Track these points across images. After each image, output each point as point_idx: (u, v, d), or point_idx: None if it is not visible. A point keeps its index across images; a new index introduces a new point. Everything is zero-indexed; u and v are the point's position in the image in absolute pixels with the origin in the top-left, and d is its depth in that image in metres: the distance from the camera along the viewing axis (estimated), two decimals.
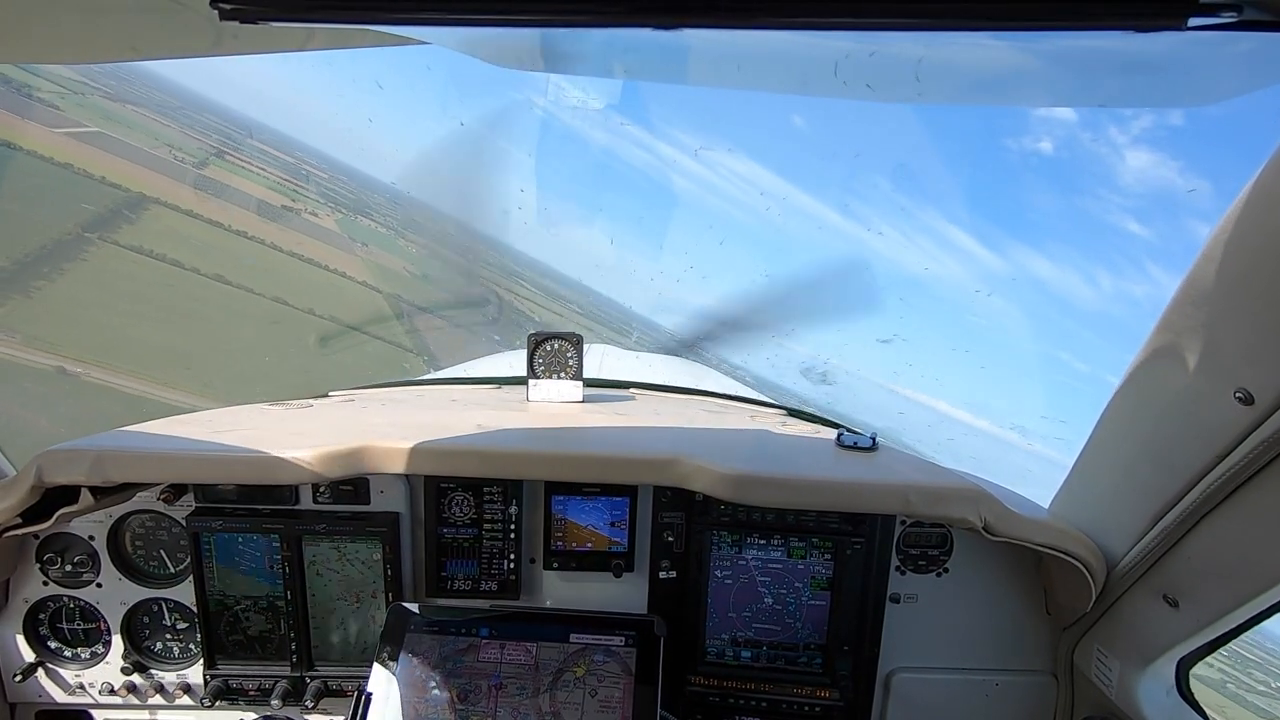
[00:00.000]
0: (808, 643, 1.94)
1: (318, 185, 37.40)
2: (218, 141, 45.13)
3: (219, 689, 1.86)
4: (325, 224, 38.14)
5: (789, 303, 6.13)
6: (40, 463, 1.55)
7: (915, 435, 26.59)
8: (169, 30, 1.08)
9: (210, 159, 42.01)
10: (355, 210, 42.64)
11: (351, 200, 41.63)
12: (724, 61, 1.20)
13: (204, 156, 41.89)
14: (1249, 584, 1.34)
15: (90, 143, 34.86)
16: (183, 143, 42.11)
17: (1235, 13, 0.64)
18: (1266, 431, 1.18)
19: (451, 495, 1.92)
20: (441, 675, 1.67)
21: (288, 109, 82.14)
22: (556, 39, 1.14)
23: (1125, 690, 1.66)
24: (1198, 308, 1.28)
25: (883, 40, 1.01)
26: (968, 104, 1.26)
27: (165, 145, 40.29)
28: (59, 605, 1.88)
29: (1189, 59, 0.94)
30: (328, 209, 39.56)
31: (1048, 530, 1.67)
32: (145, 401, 18.90)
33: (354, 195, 42.96)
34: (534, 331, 2.23)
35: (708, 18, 0.72)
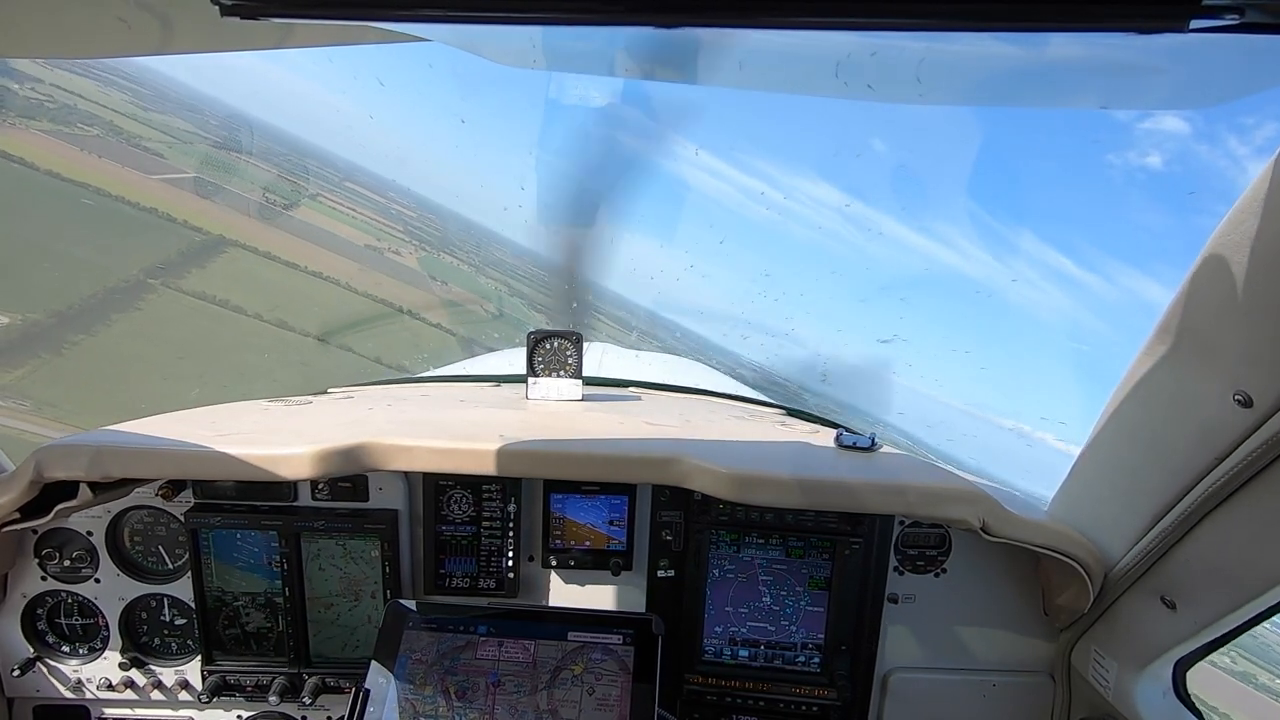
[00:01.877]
0: (805, 642, 1.94)
1: (405, 223, 37.99)
2: (315, 185, 46.48)
3: (217, 685, 1.86)
4: (407, 262, 38.69)
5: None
6: (39, 458, 1.55)
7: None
8: (169, 25, 1.08)
9: (303, 200, 43.27)
10: (438, 247, 43.40)
11: (436, 237, 42.42)
12: (726, 61, 1.19)
13: (297, 198, 43.12)
14: (1247, 586, 1.34)
15: (184, 188, 35.98)
16: (279, 186, 43.60)
17: (1237, 15, 0.64)
18: (1265, 434, 1.18)
19: (450, 493, 1.92)
20: (439, 672, 1.67)
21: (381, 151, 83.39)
22: (557, 37, 1.14)
23: (1122, 691, 1.66)
24: (1198, 310, 1.28)
25: (884, 40, 1.01)
26: (969, 104, 1.26)
27: (260, 189, 41.67)
28: (57, 600, 1.89)
29: (1190, 61, 0.94)
30: (411, 247, 40.06)
31: (1046, 531, 1.67)
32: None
33: (439, 232, 43.85)
34: (534, 329, 2.23)
35: (709, 17, 0.72)
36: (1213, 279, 1.24)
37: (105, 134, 39.55)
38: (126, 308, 24.15)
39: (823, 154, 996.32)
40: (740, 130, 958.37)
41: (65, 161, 32.04)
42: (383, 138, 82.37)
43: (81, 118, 40.50)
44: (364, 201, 45.20)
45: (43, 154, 32.08)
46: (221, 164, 43.27)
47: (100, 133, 39.51)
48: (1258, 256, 1.13)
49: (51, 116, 38.45)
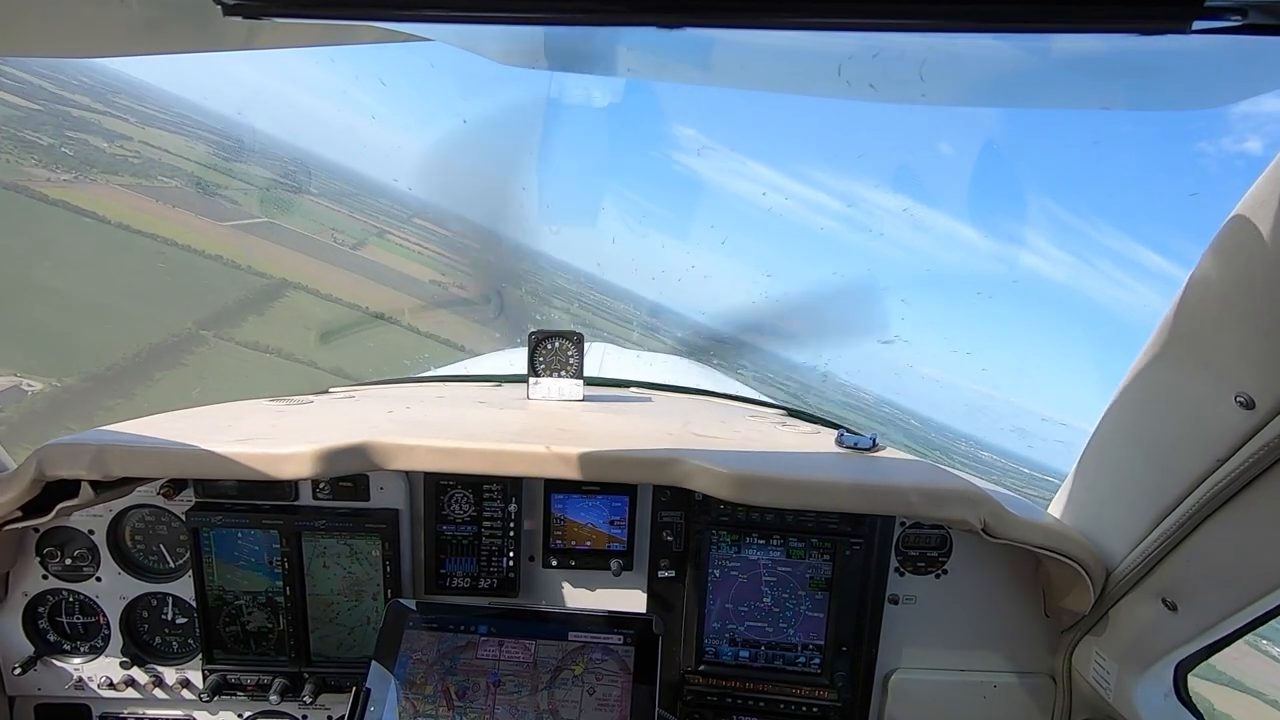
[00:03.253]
0: (806, 643, 1.94)
1: (471, 258, 38.49)
2: (382, 222, 46.81)
3: (217, 684, 1.87)
4: (469, 295, 39.37)
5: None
6: (41, 456, 1.55)
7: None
8: (170, 25, 1.08)
9: (369, 239, 43.63)
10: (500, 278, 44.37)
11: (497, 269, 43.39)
12: (728, 61, 1.19)
13: (363, 237, 43.47)
14: (1248, 588, 1.34)
15: (253, 233, 36.63)
16: (347, 225, 43.99)
17: (1240, 16, 0.64)
18: (1267, 436, 1.18)
19: (451, 493, 1.92)
20: (440, 672, 1.67)
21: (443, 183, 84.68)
22: (559, 37, 1.14)
23: (1123, 693, 1.66)
24: (1199, 312, 1.28)
25: (887, 41, 1.00)
26: (971, 105, 1.26)
27: (329, 230, 42.03)
28: (58, 599, 1.89)
29: (1192, 62, 0.94)
30: (475, 281, 40.59)
31: (1046, 532, 1.67)
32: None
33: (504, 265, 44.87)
34: (535, 330, 2.23)
35: (712, 17, 0.72)
36: (1214, 280, 1.23)
37: (184, 184, 40.93)
38: (173, 364, 24.05)
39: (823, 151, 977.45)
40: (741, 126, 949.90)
41: (138, 213, 32.84)
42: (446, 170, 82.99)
43: (163, 170, 41.80)
44: (430, 236, 45.74)
45: (117, 207, 32.77)
46: (293, 206, 44.22)
47: (179, 183, 40.90)
48: (1259, 258, 1.13)
49: (134, 171, 39.82)
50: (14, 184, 30.42)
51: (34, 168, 34.16)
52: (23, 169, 33.56)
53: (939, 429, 54.65)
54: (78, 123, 45.11)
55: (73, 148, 39.98)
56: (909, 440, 46.11)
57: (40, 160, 35.51)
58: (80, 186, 33.79)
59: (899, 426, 50.01)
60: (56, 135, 40.39)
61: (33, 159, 35.29)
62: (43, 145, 37.92)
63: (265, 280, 31.04)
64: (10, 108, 42.11)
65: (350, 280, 35.03)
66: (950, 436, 46.12)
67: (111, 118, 48.97)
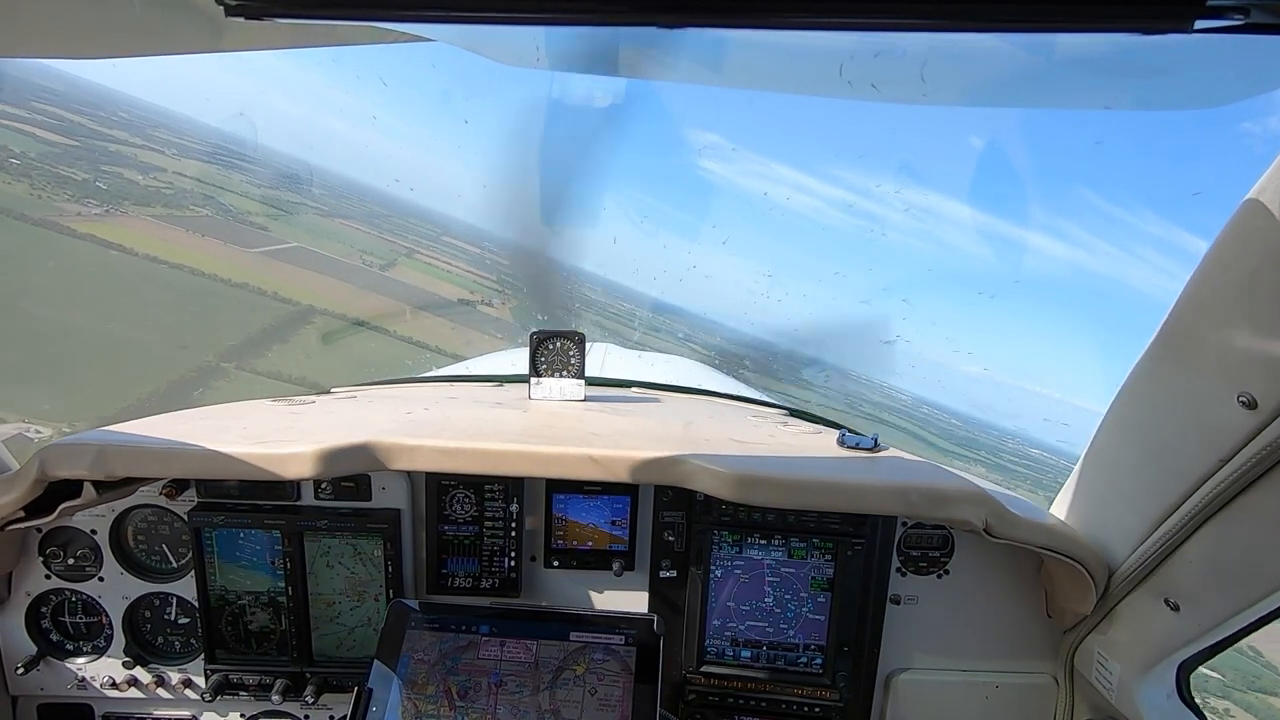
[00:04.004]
0: (808, 643, 1.94)
1: (499, 274, 38.39)
2: (411, 241, 47.45)
3: (220, 683, 1.87)
4: (499, 314, 39.29)
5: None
6: (43, 456, 1.56)
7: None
8: (173, 25, 1.08)
9: (399, 259, 43.97)
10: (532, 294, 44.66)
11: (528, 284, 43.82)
12: (729, 61, 1.19)
13: (393, 258, 43.80)
14: (1251, 588, 1.34)
15: (281, 259, 36.72)
16: (376, 247, 44.44)
17: (1242, 15, 0.64)
18: (1270, 436, 1.18)
19: (453, 493, 1.92)
20: (441, 672, 1.67)
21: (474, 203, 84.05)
22: (560, 37, 1.14)
23: (1125, 694, 1.66)
24: (1203, 312, 1.28)
25: (888, 40, 1.00)
26: (973, 105, 1.25)
27: (359, 252, 42.51)
28: (61, 599, 1.89)
29: (1195, 61, 0.94)
30: (504, 298, 40.69)
31: (1049, 532, 1.66)
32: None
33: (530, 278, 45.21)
34: (536, 330, 2.23)
35: (713, 17, 0.72)
36: (1217, 281, 1.23)
37: (216, 213, 41.62)
38: (190, 401, 23.98)
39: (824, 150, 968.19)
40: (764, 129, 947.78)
41: (167, 244, 33.07)
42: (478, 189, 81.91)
43: (195, 200, 42.71)
44: (460, 254, 45.90)
45: (146, 238, 32.99)
46: (322, 231, 44.39)
47: (211, 212, 41.63)
48: (1262, 258, 1.12)
49: (166, 202, 40.56)
50: (43, 219, 30.57)
51: (66, 202, 34.43)
52: (55, 204, 33.79)
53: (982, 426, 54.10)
54: (114, 157, 45.92)
55: (107, 181, 40.69)
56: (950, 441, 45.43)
57: (73, 195, 35.88)
58: (110, 219, 34.10)
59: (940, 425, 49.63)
60: (92, 170, 41.04)
61: (66, 194, 35.65)
62: (77, 180, 38.45)
63: (291, 307, 31.05)
64: (48, 145, 42.68)
65: (378, 303, 35.09)
66: (995, 434, 45.70)
67: (149, 151, 49.60)
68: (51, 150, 41.67)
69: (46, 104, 51.43)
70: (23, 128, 43.93)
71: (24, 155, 39.12)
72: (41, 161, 39.19)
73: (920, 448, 38.56)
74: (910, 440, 42.69)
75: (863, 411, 45.18)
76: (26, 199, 32.89)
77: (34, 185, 35.06)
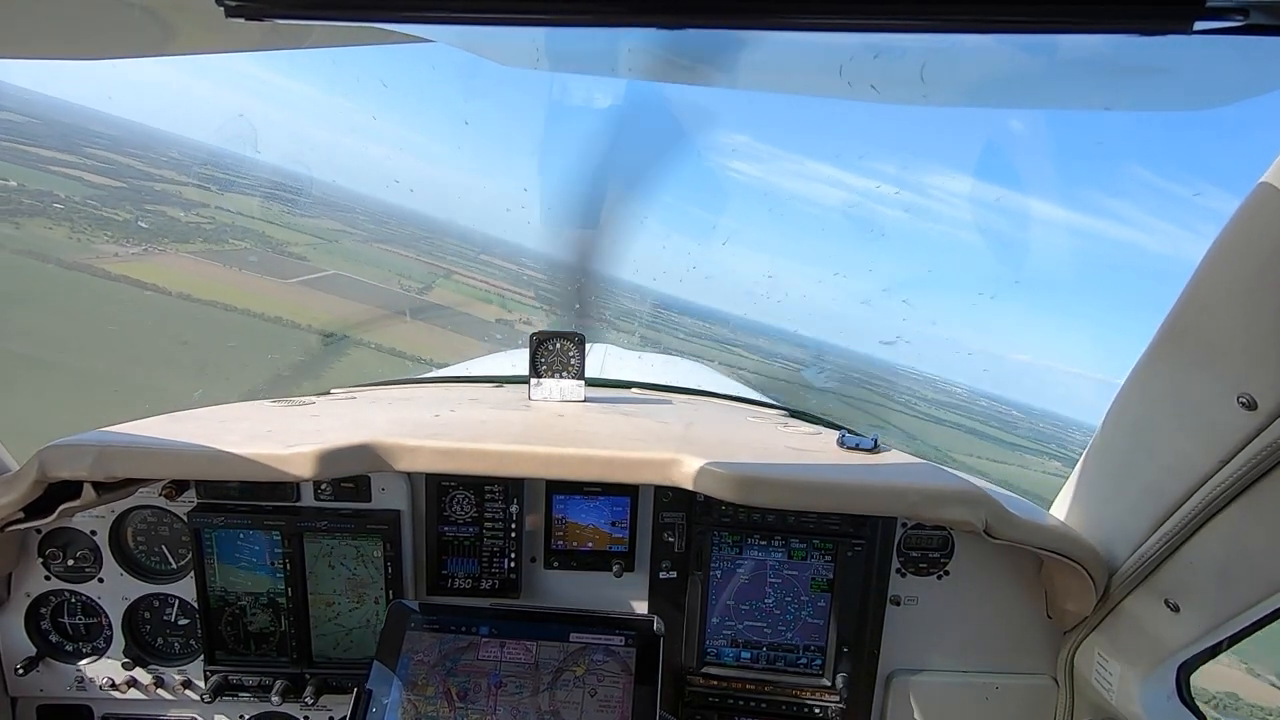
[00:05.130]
0: (808, 644, 1.94)
1: (535, 289, 38.47)
2: (449, 263, 47.45)
3: (219, 685, 1.87)
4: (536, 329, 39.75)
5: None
6: (43, 457, 1.56)
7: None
8: (172, 26, 1.08)
9: (437, 280, 44.04)
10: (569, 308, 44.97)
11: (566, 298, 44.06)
12: (729, 62, 1.20)
13: (431, 280, 43.85)
14: (1251, 589, 1.34)
15: (319, 287, 36.66)
16: (415, 270, 44.47)
17: (1242, 16, 0.64)
18: (1270, 437, 1.18)
19: (453, 494, 1.92)
20: (441, 673, 1.67)
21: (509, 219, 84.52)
22: (560, 38, 1.14)
23: (1126, 694, 1.66)
24: (1202, 312, 1.28)
25: (888, 41, 1.01)
26: (973, 106, 1.26)
27: (396, 276, 42.42)
28: (61, 600, 1.89)
29: (1194, 62, 0.94)
30: (542, 314, 40.91)
31: (1049, 533, 1.66)
32: None
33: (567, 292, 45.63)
34: (536, 330, 2.23)
35: (713, 18, 0.72)
36: (1218, 281, 1.23)
37: (255, 245, 41.60)
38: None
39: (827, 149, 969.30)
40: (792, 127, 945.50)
41: (201, 281, 32.91)
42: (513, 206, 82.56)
43: (235, 234, 42.67)
44: (498, 272, 45.94)
45: (181, 276, 32.92)
46: (361, 256, 44.51)
47: (250, 244, 41.61)
48: (1262, 259, 1.13)
49: (206, 237, 40.69)
50: (77, 263, 30.32)
51: (105, 244, 34.40)
52: (93, 246, 33.69)
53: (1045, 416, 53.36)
54: (159, 196, 46.15)
55: (149, 220, 40.80)
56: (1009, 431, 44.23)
57: (113, 236, 35.93)
58: (147, 259, 34.04)
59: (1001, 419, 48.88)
60: (135, 210, 41.15)
61: (106, 235, 35.67)
62: (119, 221, 38.55)
63: (325, 338, 30.83)
64: (94, 188, 42.76)
65: (414, 330, 35.01)
66: (1059, 424, 45.50)
67: (193, 188, 49.84)
68: (97, 193, 41.87)
69: (98, 148, 51.94)
70: (71, 173, 44.26)
71: (69, 199, 39.29)
72: (86, 204, 39.35)
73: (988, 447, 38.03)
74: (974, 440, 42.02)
75: (919, 411, 44.74)
76: (64, 243, 32.87)
77: (75, 229, 35.09)
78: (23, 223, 33.39)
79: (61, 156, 46.77)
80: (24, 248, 30.04)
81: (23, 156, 45.35)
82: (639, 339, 30.14)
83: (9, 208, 34.78)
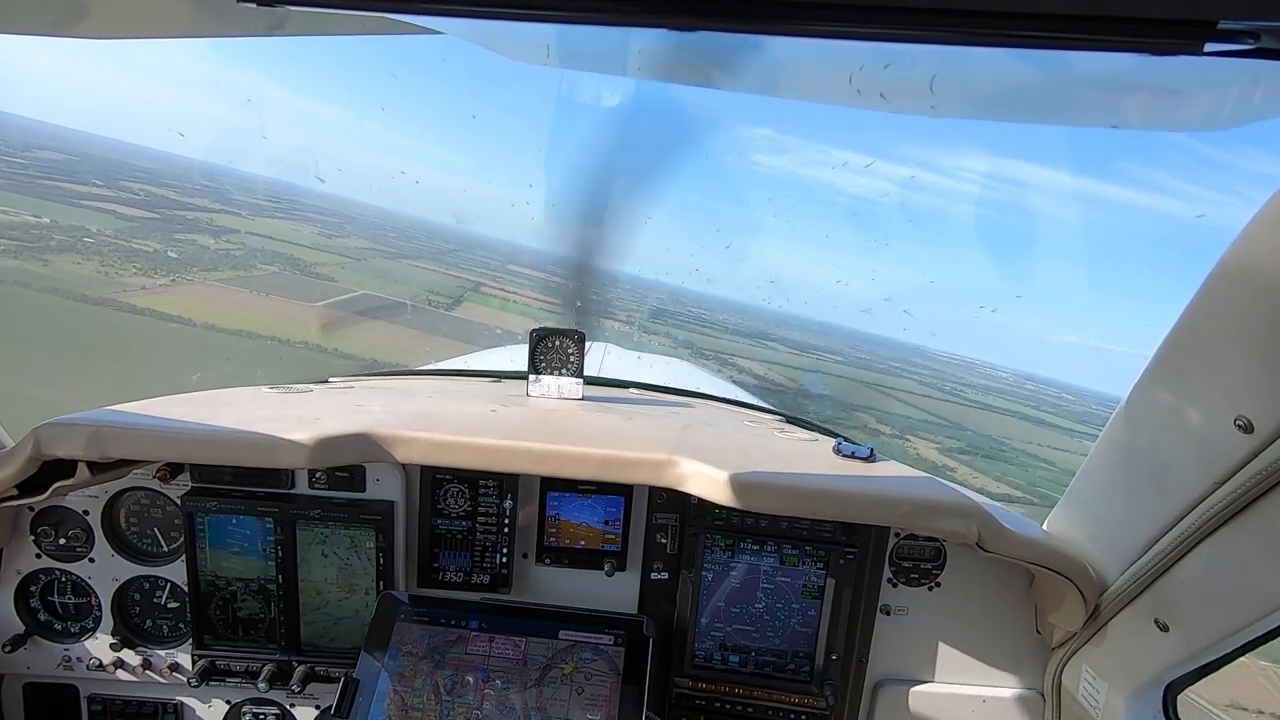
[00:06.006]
0: (796, 650, 1.94)
1: (563, 297, 38.70)
2: (478, 274, 47.32)
3: (207, 669, 1.87)
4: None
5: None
6: (39, 435, 1.55)
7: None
8: (184, 9, 1.08)
9: (465, 294, 43.77)
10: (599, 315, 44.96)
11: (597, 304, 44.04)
12: (739, 65, 1.19)
13: (460, 294, 43.51)
14: (1241, 611, 1.34)
15: (347, 309, 36.64)
16: (443, 285, 44.25)
17: (1252, 40, 0.64)
18: (1266, 460, 1.18)
19: (447, 487, 1.92)
20: (429, 666, 1.67)
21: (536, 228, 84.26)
22: (570, 36, 1.14)
23: (1112, 712, 1.66)
24: (1201, 334, 1.28)
25: (899, 52, 1.00)
26: (981, 119, 1.26)
27: (426, 292, 42.22)
28: (51, 578, 1.89)
29: (1206, 84, 0.94)
30: (572, 322, 40.99)
31: (1041, 548, 1.66)
32: None
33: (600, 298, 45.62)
34: (537, 327, 2.23)
35: (725, 21, 0.72)
36: (1217, 304, 1.24)
37: (283, 268, 41.58)
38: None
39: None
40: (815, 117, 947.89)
41: (227, 309, 32.80)
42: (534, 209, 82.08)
43: (264, 258, 42.55)
44: (526, 281, 45.81)
45: (206, 306, 32.80)
46: (390, 274, 44.44)
47: (279, 268, 41.61)
48: (1262, 283, 1.13)
49: (234, 264, 40.50)
50: (102, 299, 30.17)
51: (133, 276, 34.31)
52: (120, 280, 33.59)
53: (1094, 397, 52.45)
54: (190, 224, 46.16)
55: (178, 249, 40.82)
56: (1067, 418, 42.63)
57: (142, 268, 35.87)
58: (173, 290, 33.86)
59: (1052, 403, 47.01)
60: (165, 240, 41.18)
61: (134, 267, 35.63)
62: (148, 252, 38.54)
63: (350, 363, 30.80)
64: (126, 220, 42.75)
65: (441, 346, 34.93)
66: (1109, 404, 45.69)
67: (225, 214, 49.69)
68: (129, 225, 41.85)
69: (134, 181, 52.06)
70: (105, 206, 44.24)
71: (99, 233, 39.22)
72: (117, 237, 39.30)
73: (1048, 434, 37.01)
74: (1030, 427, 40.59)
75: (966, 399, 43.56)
76: (92, 278, 32.76)
77: (104, 263, 35.03)
78: (52, 260, 33.40)
79: (97, 190, 47.06)
80: (50, 285, 30.00)
81: (57, 193, 45.57)
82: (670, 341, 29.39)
83: (39, 245, 34.79)
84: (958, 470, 35.80)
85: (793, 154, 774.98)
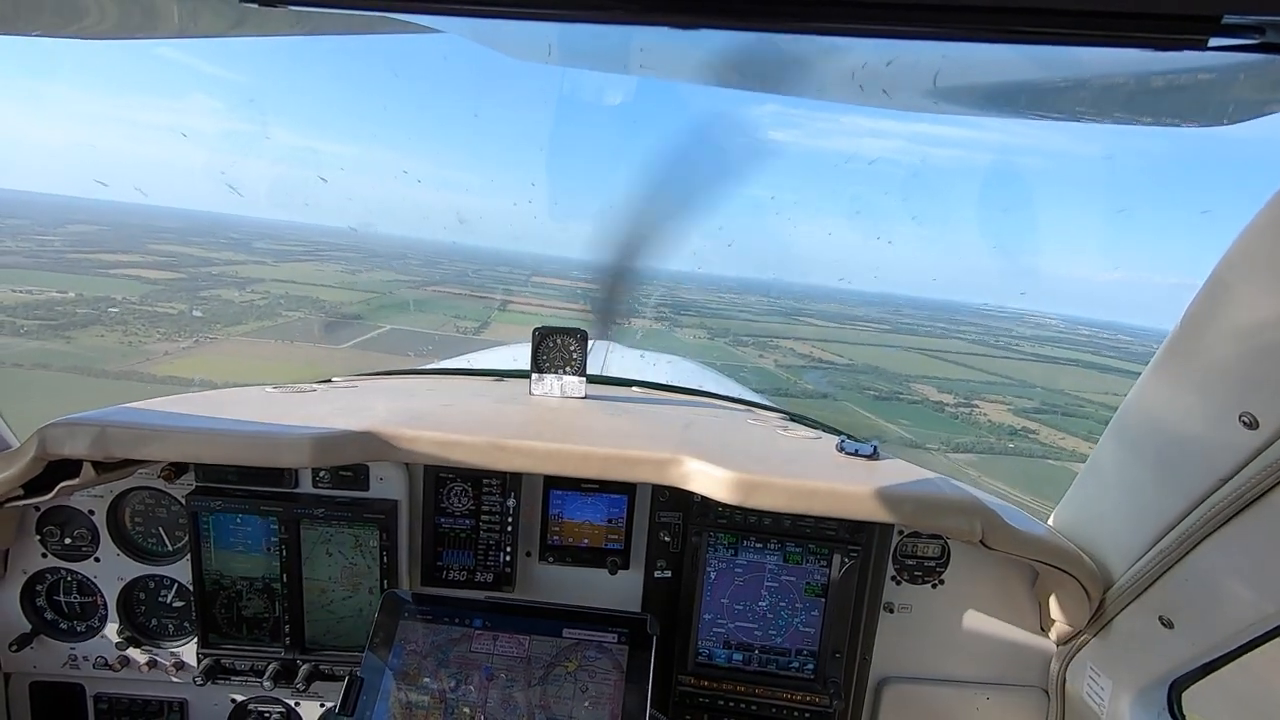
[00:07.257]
0: (800, 648, 1.94)
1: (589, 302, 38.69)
2: (503, 292, 47.34)
3: (212, 667, 1.87)
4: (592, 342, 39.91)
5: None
6: (44, 435, 1.56)
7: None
8: (187, 9, 1.08)
9: (493, 314, 43.52)
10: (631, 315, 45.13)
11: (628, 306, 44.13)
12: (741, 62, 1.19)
13: (486, 316, 43.19)
14: (1246, 608, 1.33)
15: (374, 348, 36.18)
16: (470, 308, 44.07)
17: (1257, 34, 0.64)
18: (1271, 457, 1.18)
19: (450, 485, 1.93)
20: (433, 664, 1.68)
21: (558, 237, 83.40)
22: (571, 33, 1.13)
23: (1116, 710, 1.66)
24: (1206, 330, 1.28)
25: (901, 49, 1.00)
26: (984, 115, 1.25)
27: (452, 319, 42.12)
28: (57, 578, 1.90)
29: (1209, 78, 0.94)
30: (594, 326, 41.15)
31: (1045, 545, 1.66)
32: None
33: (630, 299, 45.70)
34: (540, 326, 2.23)
35: (727, 19, 0.72)
36: (1222, 300, 1.23)
37: (309, 312, 41.29)
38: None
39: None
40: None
41: (249, 363, 32.60)
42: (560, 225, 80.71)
43: (289, 304, 42.28)
44: (552, 292, 45.63)
45: (227, 363, 32.65)
46: (417, 304, 44.20)
47: (304, 313, 41.27)
48: (1267, 279, 1.12)
49: (259, 314, 40.19)
50: (123, 371, 29.86)
51: (155, 343, 34.09)
52: (143, 348, 33.34)
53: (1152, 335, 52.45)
54: (216, 280, 45.94)
55: (203, 308, 40.57)
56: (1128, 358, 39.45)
57: (165, 332, 35.66)
58: (194, 352, 33.64)
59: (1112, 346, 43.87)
60: (190, 299, 41.04)
61: (157, 333, 35.41)
62: (172, 315, 38.32)
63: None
64: (152, 284, 42.58)
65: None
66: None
67: (250, 264, 49.51)
68: (154, 289, 41.63)
69: (160, 243, 52.01)
70: (130, 272, 43.95)
71: (124, 301, 38.94)
72: (142, 303, 39.07)
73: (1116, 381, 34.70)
74: (1099, 375, 38.19)
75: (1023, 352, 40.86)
76: (114, 349, 32.51)
77: (127, 332, 34.75)
78: (75, 335, 33.12)
79: (123, 258, 46.85)
80: (71, 364, 29.69)
81: (85, 264, 45.37)
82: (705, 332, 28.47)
83: (63, 322, 34.57)
84: (1040, 433, 33.91)
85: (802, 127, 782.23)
